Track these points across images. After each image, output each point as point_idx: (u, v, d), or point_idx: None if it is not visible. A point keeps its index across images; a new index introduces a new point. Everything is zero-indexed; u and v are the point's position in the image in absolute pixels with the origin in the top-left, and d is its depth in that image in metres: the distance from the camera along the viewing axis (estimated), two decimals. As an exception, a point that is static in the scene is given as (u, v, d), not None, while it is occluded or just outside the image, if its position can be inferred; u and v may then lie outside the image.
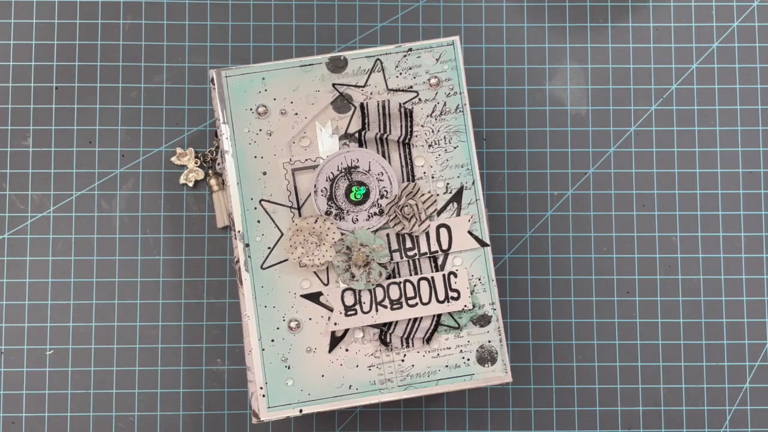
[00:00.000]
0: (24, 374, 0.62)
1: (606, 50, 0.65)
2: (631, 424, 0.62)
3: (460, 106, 0.55)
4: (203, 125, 0.64)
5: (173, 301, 0.62)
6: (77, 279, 0.62)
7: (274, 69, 0.55)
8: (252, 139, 0.54)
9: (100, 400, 0.61)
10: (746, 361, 0.63)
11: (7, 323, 0.62)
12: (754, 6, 0.66)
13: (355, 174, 0.54)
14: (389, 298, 0.53)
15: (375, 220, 0.54)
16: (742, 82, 0.65)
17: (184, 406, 0.62)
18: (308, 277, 0.53)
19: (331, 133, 0.54)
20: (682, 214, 0.64)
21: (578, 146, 0.64)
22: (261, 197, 0.54)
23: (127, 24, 0.64)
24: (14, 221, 0.63)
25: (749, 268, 0.64)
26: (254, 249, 0.54)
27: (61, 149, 0.63)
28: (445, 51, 0.55)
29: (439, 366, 0.53)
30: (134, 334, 0.62)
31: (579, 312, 0.63)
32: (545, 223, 0.64)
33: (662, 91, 0.65)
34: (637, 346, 0.63)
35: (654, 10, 0.66)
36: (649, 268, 0.64)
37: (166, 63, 0.64)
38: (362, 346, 0.53)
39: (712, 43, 0.66)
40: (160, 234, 0.63)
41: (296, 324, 0.53)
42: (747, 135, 0.65)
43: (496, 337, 0.53)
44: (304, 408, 0.53)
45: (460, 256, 0.54)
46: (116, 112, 0.64)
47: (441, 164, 0.54)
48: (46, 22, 0.64)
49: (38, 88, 0.64)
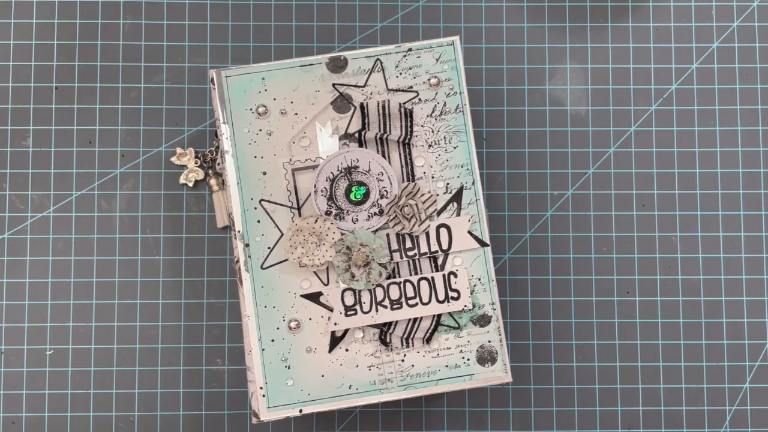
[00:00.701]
0: (24, 374, 0.62)
1: (606, 50, 0.65)
2: (631, 424, 0.62)
3: (460, 106, 0.55)
4: (203, 125, 0.64)
5: (173, 301, 0.62)
6: (77, 279, 0.62)
7: (274, 69, 0.55)
8: (252, 139, 0.54)
9: (100, 400, 0.61)
10: (746, 361, 0.63)
11: (7, 323, 0.62)
12: (754, 6, 0.66)
13: (355, 174, 0.54)
14: (389, 298, 0.53)
15: (375, 220, 0.54)
16: (742, 82, 0.65)
17: (184, 406, 0.62)
18: (308, 277, 0.53)
19: (331, 133, 0.54)
20: (682, 214, 0.64)
21: (578, 146, 0.64)
22: (261, 197, 0.54)
23: (127, 24, 0.64)
24: (14, 221, 0.63)
25: (749, 268, 0.64)
26: (254, 249, 0.54)
27: (61, 149, 0.63)
28: (445, 51, 0.55)
29: (439, 366, 0.53)
30: (134, 334, 0.62)
31: (579, 312, 0.63)
32: (545, 223, 0.64)
33: (662, 91, 0.65)
34: (637, 346, 0.63)
35: (654, 10, 0.66)
36: (649, 268, 0.64)
37: (166, 63, 0.64)
38: (362, 346, 0.53)
39: (712, 43, 0.66)
40: (160, 234, 0.63)
41: (296, 324, 0.53)
42: (747, 135, 0.65)
43: (496, 337, 0.53)
44: (304, 408, 0.52)
45: (460, 256, 0.54)
46: (116, 112, 0.64)
47: (441, 164, 0.54)
48: (46, 22, 0.64)
49: (38, 88, 0.64)
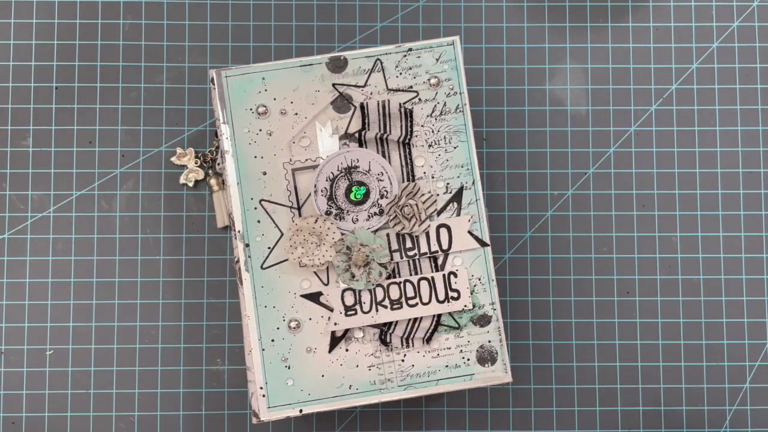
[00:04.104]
0: (24, 374, 0.62)
1: (606, 50, 0.65)
2: (631, 424, 0.62)
3: (460, 106, 0.55)
4: (203, 125, 0.64)
5: (173, 301, 0.62)
6: (77, 279, 0.62)
7: (274, 69, 0.55)
8: (252, 139, 0.54)
9: (100, 400, 0.61)
10: (746, 361, 0.63)
11: (7, 323, 0.62)
12: (754, 6, 0.66)
13: (355, 174, 0.54)
14: (389, 298, 0.53)
15: (375, 220, 0.54)
16: (742, 82, 0.65)
17: (184, 406, 0.62)
18: (308, 277, 0.53)
19: (331, 133, 0.54)
20: (682, 214, 0.64)
21: (578, 146, 0.64)
22: (261, 197, 0.54)
23: (127, 24, 0.64)
24: (14, 221, 0.63)
25: (749, 268, 0.64)
26: (254, 249, 0.54)
27: (61, 149, 0.63)
28: (445, 51, 0.55)
29: (439, 366, 0.53)
30: (134, 334, 0.62)
31: (579, 312, 0.63)
32: (545, 223, 0.64)
33: (662, 91, 0.65)
34: (637, 346, 0.63)
35: (654, 10, 0.66)
36: (649, 268, 0.64)
37: (166, 63, 0.64)
38: (362, 346, 0.53)
39: (712, 43, 0.66)
40: (160, 234, 0.63)
41: (296, 324, 0.53)
42: (747, 135, 0.65)
43: (496, 337, 0.53)
44: (304, 408, 0.52)
45: (460, 256, 0.54)
46: (116, 112, 0.64)
47: (441, 164, 0.54)
48: (46, 22, 0.64)
49: (38, 88, 0.64)
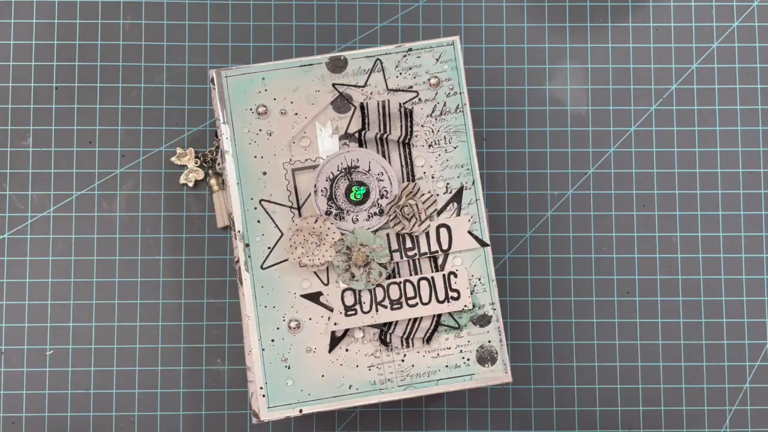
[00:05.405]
0: (24, 374, 0.62)
1: (606, 50, 0.65)
2: (631, 424, 0.62)
3: (460, 106, 0.55)
4: (203, 125, 0.64)
5: (173, 301, 0.62)
6: (77, 279, 0.62)
7: (274, 69, 0.55)
8: (252, 139, 0.54)
9: (100, 400, 0.61)
10: (746, 361, 0.63)
11: (7, 323, 0.62)
12: (754, 6, 0.66)
13: (355, 174, 0.54)
14: (389, 298, 0.53)
15: (375, 220, 0.54)
16: (742, 82, 0.65)
17: (184, 406, 0.62)
18: (308, 277, 0.53)
19: (331, 133, 0.54)
20: (682, 214, 0.64)
21: (578, 146, 0.64)
22: (261, 197, 0.54)
23: (127, 24, 0.64)
24: (14, 221, 0.63)
25: (749, 268, 0.64)
26: (254, 249, 0.54)
27: (61, 149, 0.63)
28: (445, 51, 0.55)
29: (439, 366, 0.53)
30: (134, 334, 0.62)
31: (579, 312, 0.63)
32: (545, 223, 0.64)
33: (662, 91, 0.65)
34: (637, 346, 0.63)
35: (654, 10, 0.66)
36: (649, 268, 0.64)
37: (166, 63, 0.64)
38: (362, 346, 0.53)
39: (712, 43, 0.66)
40: (160, 234, 0.63)
41: (296, 324, 0.53)
42: (747, 135, 0.65)
43: (496, 337, 0.53)
44: (304, 408, 0.52)
45: (460, 256, 0.54)
46: (116, 112, 0.64)
47: (441, 164, 0.54)
48: (46, 22, 0.64)
49: (38, 88, 0.64)
